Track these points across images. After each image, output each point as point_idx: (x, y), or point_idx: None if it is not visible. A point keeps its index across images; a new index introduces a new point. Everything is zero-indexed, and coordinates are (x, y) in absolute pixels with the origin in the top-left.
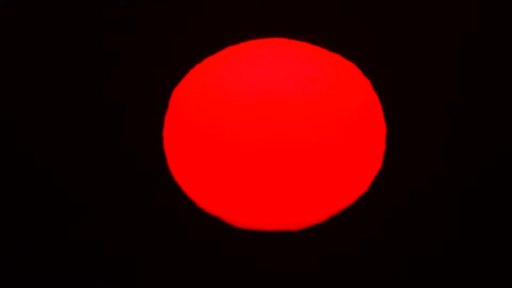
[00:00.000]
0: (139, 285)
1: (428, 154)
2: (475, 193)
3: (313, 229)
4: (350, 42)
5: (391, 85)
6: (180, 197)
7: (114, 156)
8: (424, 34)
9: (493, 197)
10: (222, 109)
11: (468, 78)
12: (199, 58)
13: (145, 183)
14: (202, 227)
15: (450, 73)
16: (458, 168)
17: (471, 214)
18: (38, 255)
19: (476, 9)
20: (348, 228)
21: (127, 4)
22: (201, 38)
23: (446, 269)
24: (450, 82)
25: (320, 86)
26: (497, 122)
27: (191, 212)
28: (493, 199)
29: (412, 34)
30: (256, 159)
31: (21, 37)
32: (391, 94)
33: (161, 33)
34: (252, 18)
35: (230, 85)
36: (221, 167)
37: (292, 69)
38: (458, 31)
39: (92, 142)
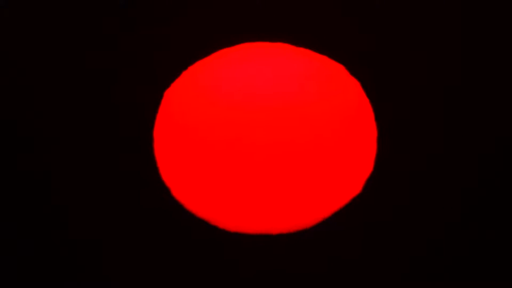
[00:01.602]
0: (126, 287)
1: (420, 155)
2: (467, 194)
3: (304, 232)
4: (338, 43)
5: (381, 86)
6: (169, 199)
7: (103, 157)
8: (413, 34)
9: (488, 197)
10: (213, 111)
11: (459, 80)
12: (191, 61)
13: (134, 185)
14: (191, 230)
15: (441, 74)
16: (451, 169)
17: (464, 216)
18: (22, 257)
19: (462, 8)
20: (340, 230)
21: (123, 5)
22: (193, 41)
23: (438, 271)
24: (441, 83)
25: (310, 88)
26: (491, 123)
27: (180, 215)
28: (489, 200)
29: (402, 35)
30: (246, 161)
31: (15, 37)
32: (381, 96)
33: (153, 35)
34: (242, 22)
35: (220, 87)
36: (211, 170)
37: (281, 71)
38: (447, 31)
39: (82, 143)
